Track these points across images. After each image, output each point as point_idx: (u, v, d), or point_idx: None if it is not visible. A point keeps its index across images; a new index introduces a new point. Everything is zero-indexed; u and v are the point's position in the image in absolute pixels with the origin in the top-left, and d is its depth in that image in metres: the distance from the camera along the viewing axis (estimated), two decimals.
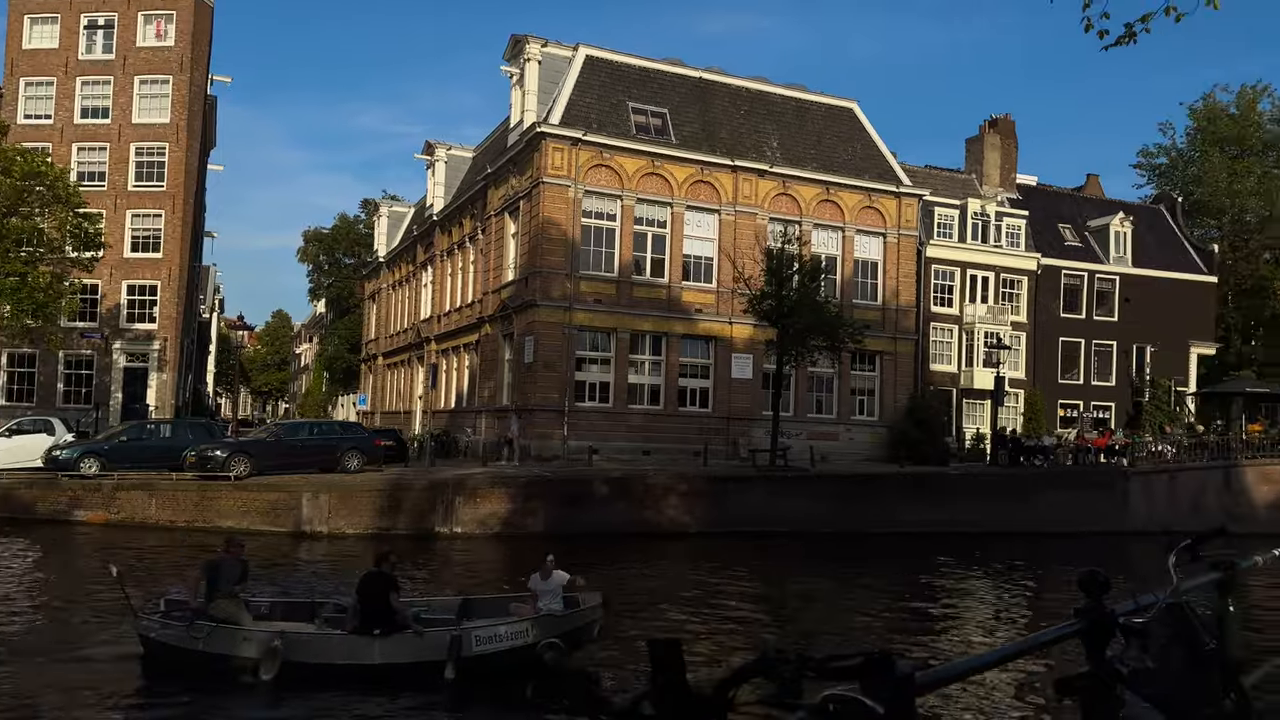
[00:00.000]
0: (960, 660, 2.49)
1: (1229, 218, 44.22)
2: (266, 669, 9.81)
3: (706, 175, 31.74)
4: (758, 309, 26.94)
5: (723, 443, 30.19)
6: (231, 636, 10.14)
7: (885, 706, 1.51)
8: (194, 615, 10.29)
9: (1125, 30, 6.54)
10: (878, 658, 1.55)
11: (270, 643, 9.93)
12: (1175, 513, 27.21)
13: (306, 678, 9.89)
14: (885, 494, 25.84)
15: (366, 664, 10.12)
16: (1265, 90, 44.64)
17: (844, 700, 1.48)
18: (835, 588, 17.81)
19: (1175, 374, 39.98)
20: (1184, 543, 3.54)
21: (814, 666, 1.49)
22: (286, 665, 9.85)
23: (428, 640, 10.29)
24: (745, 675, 1.46)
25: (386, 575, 10.62)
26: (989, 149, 40.97)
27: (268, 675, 9.80)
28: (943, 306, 36.65)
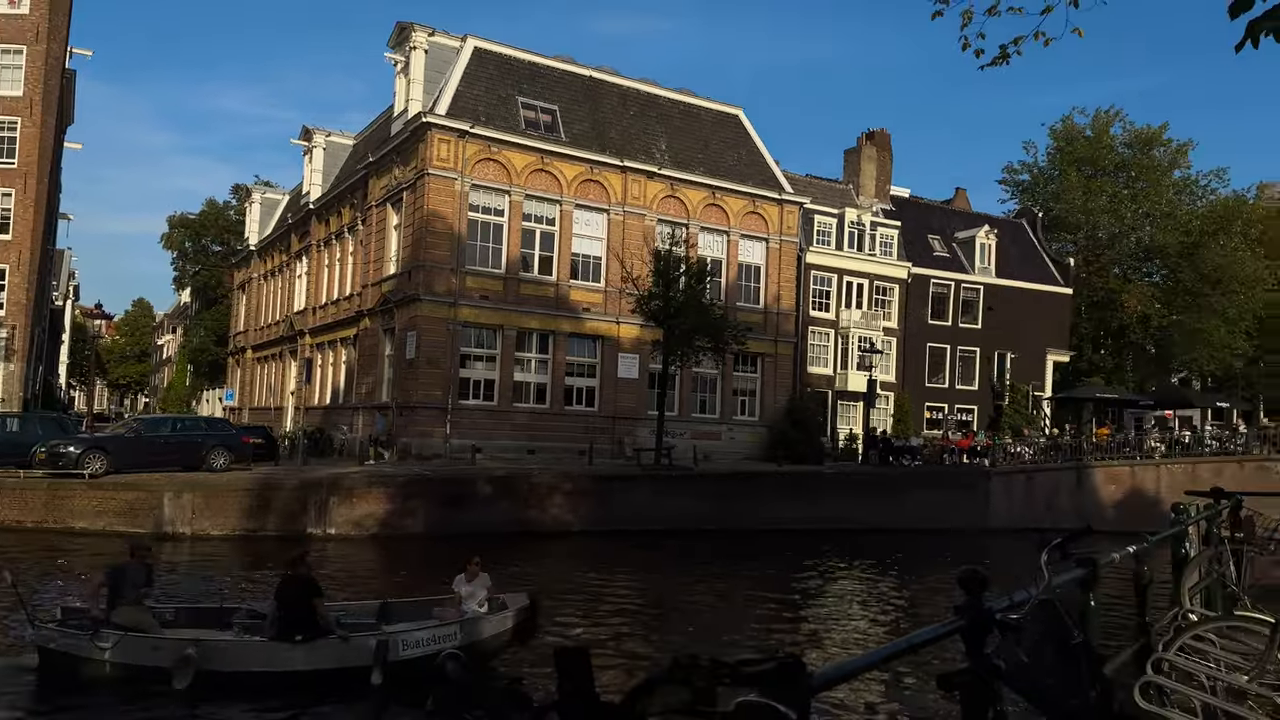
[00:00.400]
0: (848, 660, 2.54)
1: (1084, 233, 47.24)
2: (180, 679, 9.27)
3: (596, 174, 31.75)
4: (645, 309, 27.12)
5: (608, 442, 30.27)
6: (141, 645, 9.60)
7: (797, 711, 1.51)
8: (96, 624, 9.65)
9: (1000, 51, 6.82)
10: (789, 662, 1.56)
11: (184, 651, 9.44)
12: (1032, 511, 28.91)
13: (222, 686, 9.39)
14: (765, 492, 26.43)
15: (288, 671, 9.70)
16: (1117, 115, 47.92)
17: (756, 707, 1.48)
18: (722, 587, 18.09)
19: (1033, 379, 42.48)
20: (1055, 541, 3.74)
21: (727, 673, 1.49)
22: (201, 675, 9.35)
23: (353, 645, 9.93)
24: (657, 683, 1.44)
25: (308, 579, 10.31)
26: (866, 161, 42.53)
27: (181, 685, 9.26)
28: (821, 311, 37.81)
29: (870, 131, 43.33)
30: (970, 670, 2.96)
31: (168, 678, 9.26)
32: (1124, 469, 31.98)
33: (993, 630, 3.06)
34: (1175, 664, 4.77)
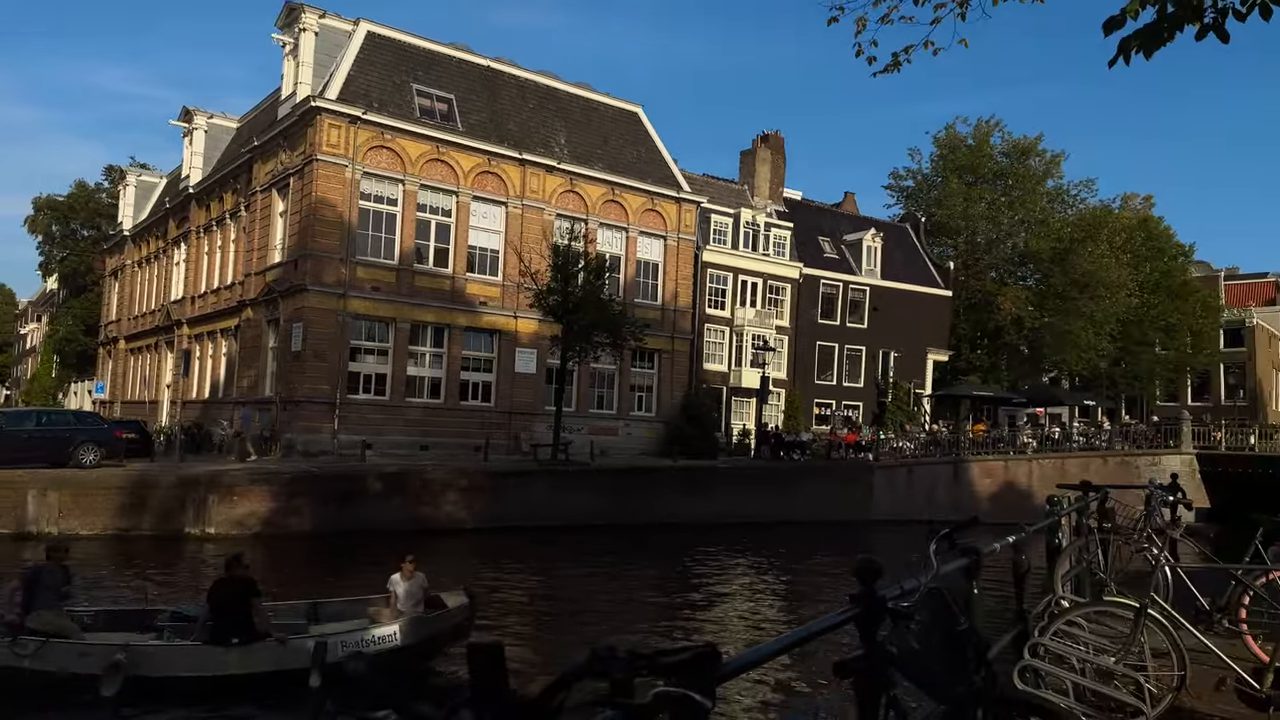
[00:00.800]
0: (752, 650, 2.59)
1: (963, 238, 49.40)
2: (108, 685, 8.84)
3: (494, 166, 31.34)
4: (544, 304, 26.97)
5: (505, 437, 29.98)
6: (66, 651, 9.17)
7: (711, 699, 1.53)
8: (12, 629, 9.17)
9: (892, 59, 7.02)
10: (705, 651, 1.57)
11: (113, 656, 9.04)
12: (912, 503, 30.08)
13: (152, 692, 8.98)
14: (661, 487, 26.68)
15: (223, 675, 9.41)
16: (997, 125, 50.23)
17: (674, 697, 1.49)
18: (622, 581, 18.16)
19: (914, 377, 44.17)
20: (943, 531, 3.90)
21: (644, 664, 1.49)
22: (130, 680, 8.93)
23: (290, 648, 9.66)
24: (575, 677, 1.43)
25: (247, 581, 10.04)
26: (760, 163, 43.35)
27: (109, 692, 8.83)
28: (716, 309, 38.37)
29: (765, 134, 44.18)
30: (864, 657, 3.06)
31: (94, 684, 8.89)
32: (998, 463, 33.63)
33: (885, 618, 3.16)
34: (1049, 648, 5.04)
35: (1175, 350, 52.43)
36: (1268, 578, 5.73)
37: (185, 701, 9.18)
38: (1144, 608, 4.91)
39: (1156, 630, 4.94)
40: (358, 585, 14.65)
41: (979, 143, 49.51)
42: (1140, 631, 4.94)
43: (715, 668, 1.53)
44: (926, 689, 3.34)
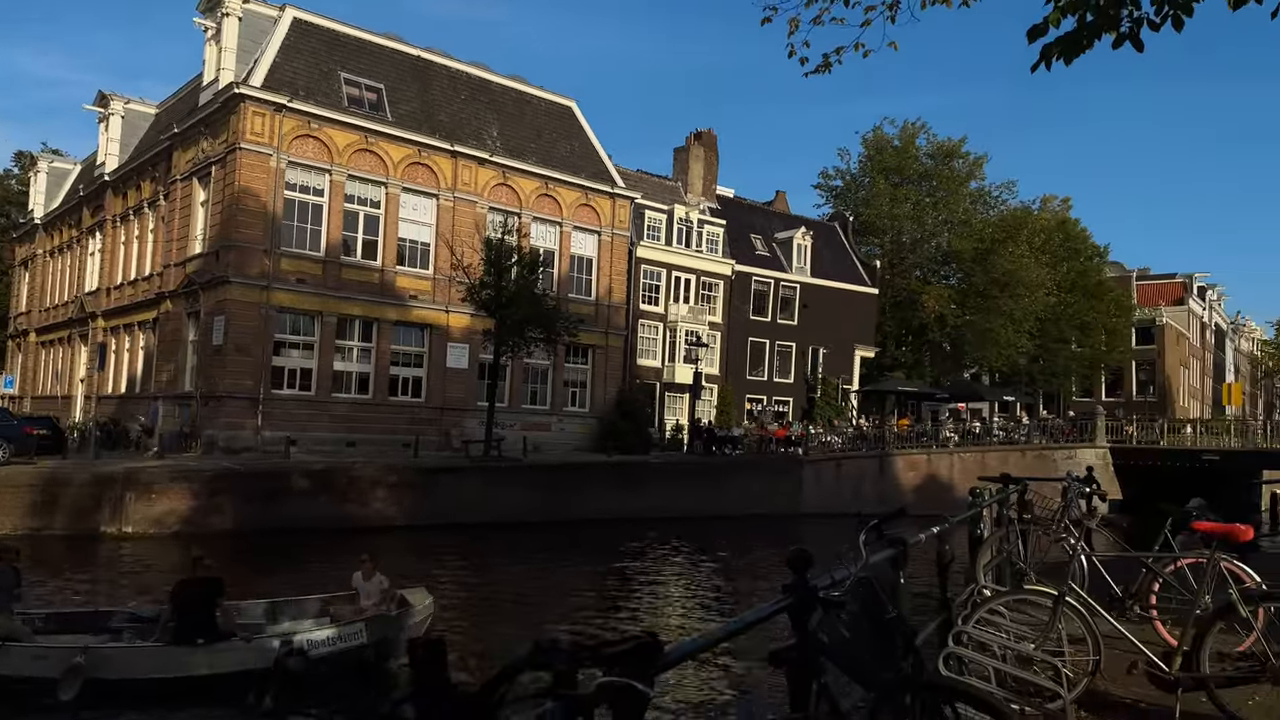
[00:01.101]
0: (690, 640, 2.63)
1: (889, 238, 50.44)
2: (66, 689, 8.56)
3: (425, 158, 30.87)
4: (476, 298, 26.69)
5: (435, 433, 29.60)
6: (21, 655, 8.98)
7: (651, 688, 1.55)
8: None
9: (823, 60, 7.12)
10: (648, 642, 1.59)
11: (72, 659, 8.83)
12: (840, 497, 30.66)
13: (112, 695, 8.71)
14: (595, 483, 26.67)
15: (187, 676, 9.27)
16: (923, 127, 51.36)
17: (617, 687, 1.50)
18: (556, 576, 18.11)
19: (842, 373, 45.00)
20: (872, 522, 4.00)
21: (587, 655, 1.50)
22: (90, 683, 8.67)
23: (255, 647, 9.54)
24: (518, 669, 1.43)
25: (212, 580, 10.00)
26: (694, 160, 43.62)
27: (68, 696, 8.56)
28: (650, 305, 38.49)
29: (698, 132, 44.45)
30: (797, 646, 3.12)
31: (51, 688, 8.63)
32: (922, 457, 34.47)
33: (817, 607, 3.24)
34: (972, 635, 5.20)
35: (1090, 348, 54.43)
36: (1176, 565, 6.00)
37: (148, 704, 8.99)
38: (1062, 596, 5.10)
39: (1073, 617, 5.13)
40: (286, 585, 14.36)
41: (905, 144, 50.55)
42: (1058, 618, 5.13)
43: (656, 658, 1.55)
44: (856, 676, 3.43)
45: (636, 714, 1.50)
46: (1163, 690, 4.94)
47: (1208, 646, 4.82)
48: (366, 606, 11.09)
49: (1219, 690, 4.78)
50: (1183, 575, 5.88)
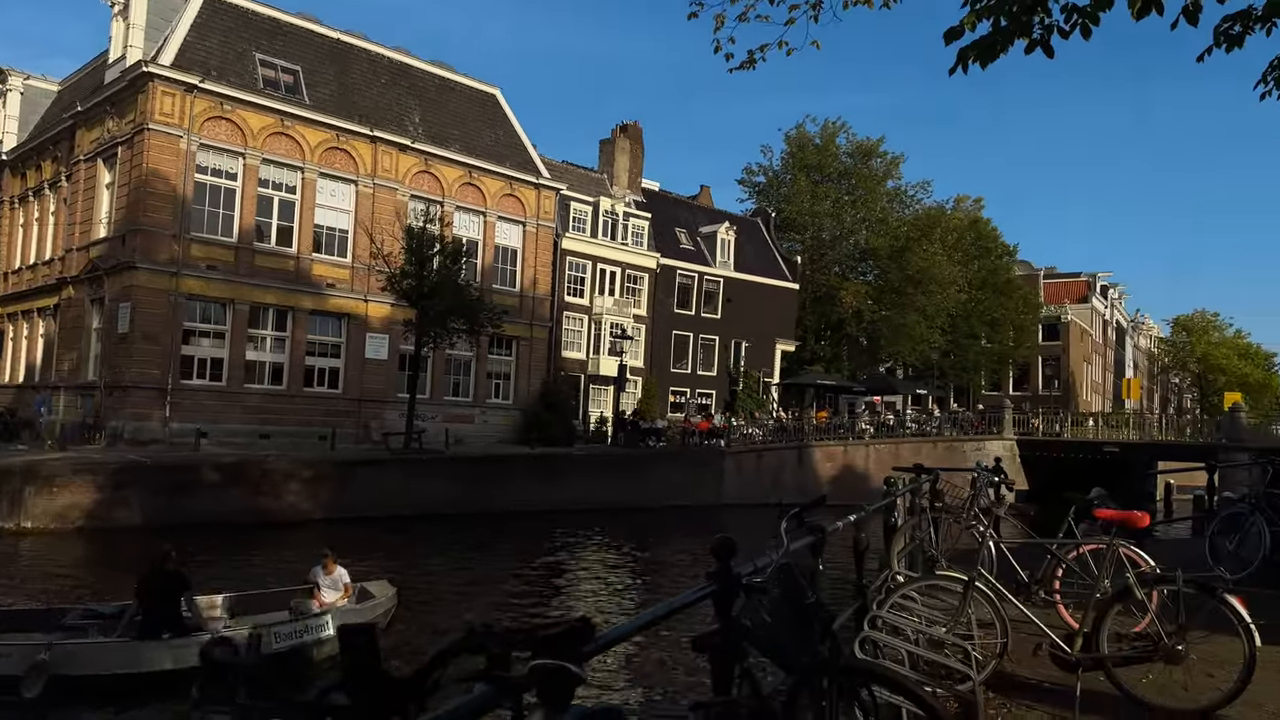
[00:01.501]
0: (617, 626, 2.65)
1: (810, 234, 51.33)
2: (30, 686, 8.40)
3: (343, 143, 30.15)
4: (397, 288, 26.21)
5: (353, 426, 29.01)
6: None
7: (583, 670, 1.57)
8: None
9: (748, 56, 7.21)
10: (581, 626, 1.61)
11: (35, 656, 8.77)
12: (760, 487, 31.14)
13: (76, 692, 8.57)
14: (518, 475, 26.52)
15: (154, 671, 9.23)
16: (843, 127, 52.33)
17: (551, 669, 1.52)
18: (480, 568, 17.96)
19: (764, 366, 45.69)
20: (794, 510, 4.09)
21: (521, 639, 1.51)
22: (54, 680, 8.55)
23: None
24: (451, 654, 1.43)
25: (180, 575, 10.09)
26: (619, 152, 43.63)
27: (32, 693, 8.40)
28: (575, 297, 38.39)
29: (624, 124, 44.44)
30: (720, 631, 3.18)
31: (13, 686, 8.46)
32: (839, 448, 35.26)
33: (740, 593, 3.30)
34: (886, 620, 5.36)
35: (999, 343, 56.42)
36: (1078, 551, 6.27)
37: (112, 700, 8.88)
38: (971, 581, 5.29)
39: (982, 601, 5.33)
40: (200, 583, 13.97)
41: (826, 142, 51.45)
42: (968, 603, 5.33)
43: (588, 641, 1.57)
44: (777, 659, 3.51)
45: (567, 695, 1.52)
46: (1064, 670, 5.18)
47: (1106, 628, 5.07)
48: (328, 600, 11.27)
49: (1116, 669, 5.04)
50: (1084, 561, 6.15)
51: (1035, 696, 5.29)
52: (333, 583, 11.57)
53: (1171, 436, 41.18)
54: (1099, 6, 5.38)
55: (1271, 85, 7.69)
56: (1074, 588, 6.21)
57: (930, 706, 3.55)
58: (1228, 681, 4.86)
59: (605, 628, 2.82)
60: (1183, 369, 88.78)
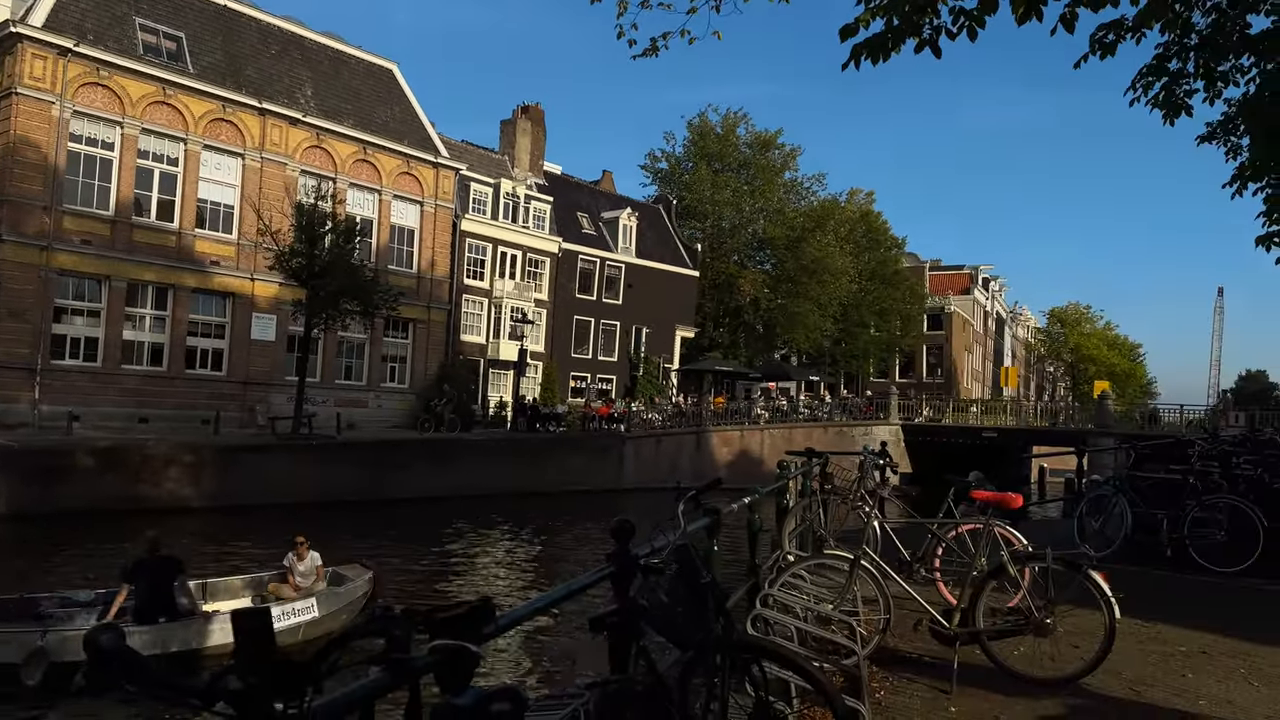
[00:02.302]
0: (518, 607, 2.67)
1: (710, 222, 51.97)
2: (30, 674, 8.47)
3: (230, 114, 28.86)
4: (286, 267, 25.27)
5: (239, 410, 27.94)
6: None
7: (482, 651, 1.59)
8: None
9: (651, 43, 7.27)
10: (481, 606, 1.62)
11: (34, 643, 8.87)
12: (659, 471, 31.49)
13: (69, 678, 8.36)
14: (414, 461, 26.05)
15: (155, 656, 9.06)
16: (743, 117, 53.08)
17: (451, 649, 1.52)
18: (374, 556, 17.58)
19: (663, 352, 46.13)
20: (690, 493, 4.17)
21: (420, 620, 1.51)
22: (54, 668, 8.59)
23: (218, 624, 9.88)
24: (352, 637, 1.42)
25: (173, 560, 10.29)
26: (521, 134, 43.14)
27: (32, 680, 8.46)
28: (475, 280, 37.84)
29: (526, 105, 43.96)
30: (617, 611, 3.24)
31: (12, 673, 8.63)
32: (735, 433, 35.96)
33: (638, 574, 3.36)
34: (777, 598, 5.54)
35: (887, 332, 58.45)
36: (957, 531, 6.60)
37: None
38: (857, 560, 5.51)
39: (867, 579, 5.56)
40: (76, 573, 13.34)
41: (726, 132, 52.11)
42: (853, 581, 5.55)
43: (489, 622, 1.59)
44: (672, 638, 3.59)
45: (466, 675, 1.53)
46: (943, 644, 5.46)
47: (982, 604, 5.37)
48: (302, 584, 11.57)
49: (991, 642, 5.35)
50: (963, 540, 6.48)
51: (916, 670, 5.57)
52: (306, 568, 11.78)
53: (1046, 423, 43.54)
54: (984, 10, 5.62)
55: (1140, 92, 8.22)
56: (953, 566, 6.54)
57: (816, 680, 3.69)
58: (1090, 651, 5.22)
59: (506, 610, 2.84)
60: (1057, 358, 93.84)
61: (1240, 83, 8.18)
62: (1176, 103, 7.94)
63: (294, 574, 11.70)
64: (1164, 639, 6.42)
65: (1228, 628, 6.69)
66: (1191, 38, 7.86)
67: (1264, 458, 10.24)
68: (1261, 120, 8.20)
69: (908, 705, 4.93)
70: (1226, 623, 6.85)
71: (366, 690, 1.44)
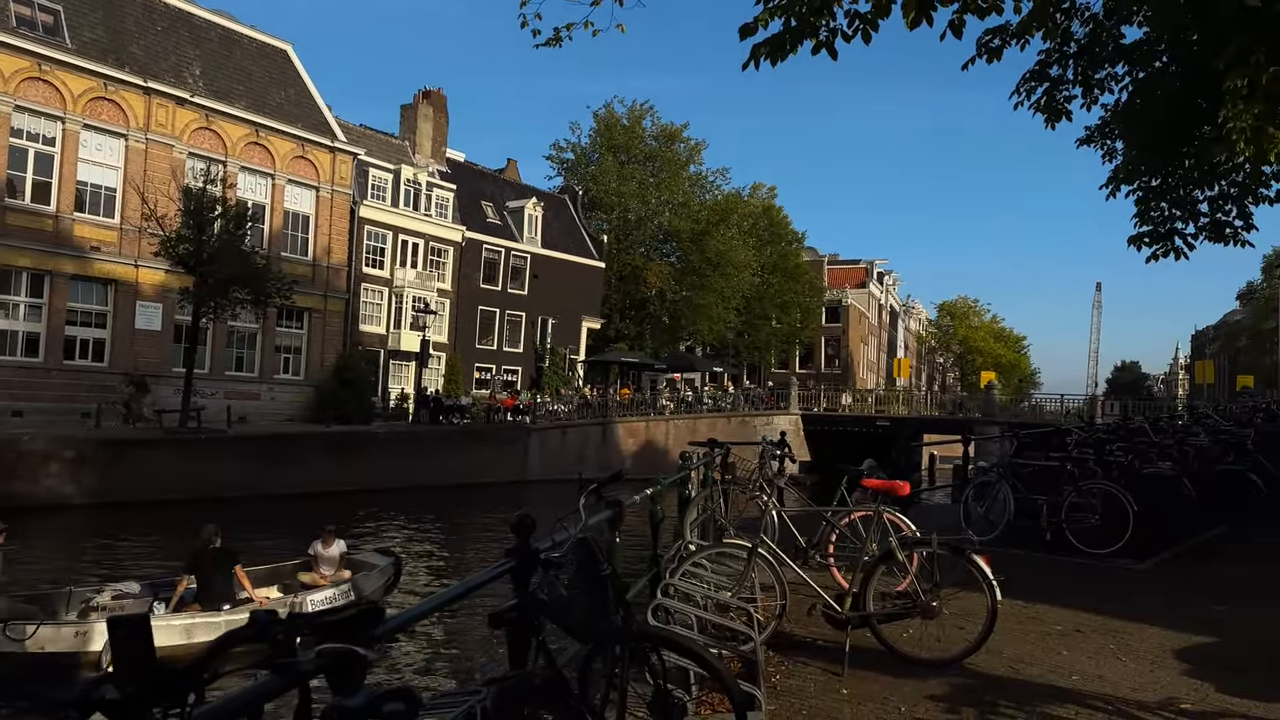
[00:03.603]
0: (412, 607, 2.64)
1: (617, 214, 52.01)
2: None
3: (112, 93, 27.39)
4: (172, 253, 24.18)
5: (122, 402, 26.61)
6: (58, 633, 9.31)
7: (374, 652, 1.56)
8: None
9: (554, 33, 7.24)
10: (369, 609, 1.59)
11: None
12: (565, 463, 31.47)
13: None
14: (311, 454, 25.35)
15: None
16: (650, 110, 53.18)
17: (338, 653, 1.49)
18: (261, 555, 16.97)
19: (570, 343, 46.02)
20: (592, 485, 4.19)
21: (304, 624, 1.48)
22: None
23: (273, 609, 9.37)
24: (233, 642, 1.39)
25: (231, 551, 10.74)
26: (422, 119, 42.27)
27: None
28: (374, 268, 36.95)
29: (428, 90, 43.09)
30: (517, 606, 3.24)
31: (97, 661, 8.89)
32: (641, 424, 36.21)
33: (538, 568, 3.37)
34: (678, 587, 5.62)
35: (788, 324, 59.72)
36: (850, 518, 6.82)
37: None
38: (754, 548, 5.64)
39: (764, 567, 5.70)
40: None
41: (633, 124, 52.20)
42: (751, 569, 5.68)
43: (377, 625, 1.57)
44: (573, 631, 3.61)
45: (357, 678, 1.51)
46: (836, 628, 5.64)
47: (872, 588, 5.56)
48: (327, 572, 12.01)
49: (881, 626, 5.55)
50: (855, 527, 6.70)
51: (810, 654, 5.73)
52: (331, 555, 12.18)
53: (936, 412, 45.29)
54: (878, 14, 5.80)
55: (1024, 96, 8.62)
56: (847, 552, 6.75)
57: (712, 667, 3.77)
58: (975, 632, 5.47)
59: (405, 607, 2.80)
60: (947, 350, 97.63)
61: (1115, 90, 8.67)
62: (1057, 107, 8.37)
63: (319, 562, 12.14)
64: (1042, 619, 6.77)
65: (1100, 606, 7.11)
66: (1071, 46, 8.29)
67: (1134, 445, 10.90)
68: (1133, 126, 8.71)
69: (802, 688, 5.07)
70: (1099, 602, 7.27)
71: (251, 695, 1.41)
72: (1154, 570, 8.64)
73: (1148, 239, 8.43)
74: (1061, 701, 4.88)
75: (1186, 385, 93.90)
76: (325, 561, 12.16)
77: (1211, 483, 10.63)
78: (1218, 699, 5.02)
